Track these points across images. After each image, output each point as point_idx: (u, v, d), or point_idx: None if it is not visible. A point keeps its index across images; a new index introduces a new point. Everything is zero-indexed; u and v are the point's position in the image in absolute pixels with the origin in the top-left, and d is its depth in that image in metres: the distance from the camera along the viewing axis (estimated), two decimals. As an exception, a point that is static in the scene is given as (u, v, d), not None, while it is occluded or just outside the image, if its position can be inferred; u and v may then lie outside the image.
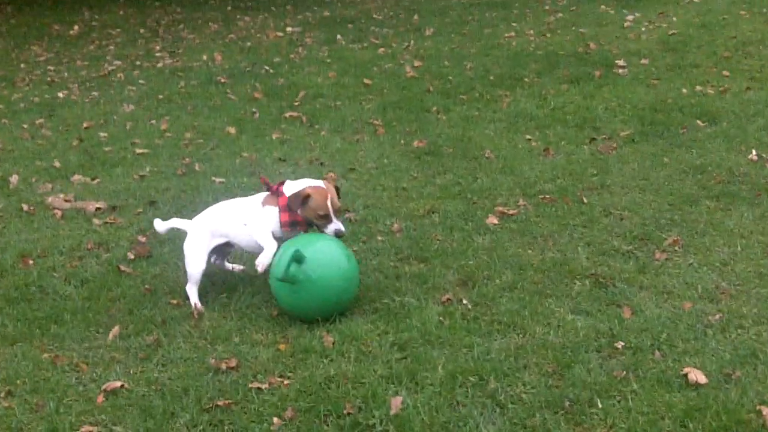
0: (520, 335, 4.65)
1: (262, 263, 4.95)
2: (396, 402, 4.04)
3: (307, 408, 4.08)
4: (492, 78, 10.52)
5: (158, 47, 14.78)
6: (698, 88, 9.32)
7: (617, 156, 7.53)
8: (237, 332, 4.84)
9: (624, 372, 4.23)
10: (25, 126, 10.02)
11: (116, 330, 4.91)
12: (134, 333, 4.90)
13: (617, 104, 9.01)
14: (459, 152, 7.89)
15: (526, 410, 3.97)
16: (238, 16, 17.21)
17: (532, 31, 12.95)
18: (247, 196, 5.39)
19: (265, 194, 5.19)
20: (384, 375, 4.31)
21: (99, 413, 4.13)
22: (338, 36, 13.99)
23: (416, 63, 11.54)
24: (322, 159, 7.99)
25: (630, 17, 13.09)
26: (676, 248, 5.62)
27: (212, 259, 5.43)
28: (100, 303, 5.27)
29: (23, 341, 4.87)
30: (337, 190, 5.14)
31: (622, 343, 4.49)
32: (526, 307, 4.92)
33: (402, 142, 8.32)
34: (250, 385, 4.28)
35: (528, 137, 8.21)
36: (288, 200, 4.98)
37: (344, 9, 17.18)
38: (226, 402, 4.16)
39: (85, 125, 9.83)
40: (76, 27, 17.27)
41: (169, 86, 11.58)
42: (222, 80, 11.56)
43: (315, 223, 5.02)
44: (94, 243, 6.24)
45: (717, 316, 4.72)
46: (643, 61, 10.61)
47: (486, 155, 7.72)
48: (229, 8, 18.51)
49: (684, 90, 9.29)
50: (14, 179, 7.86)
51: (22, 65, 14.07)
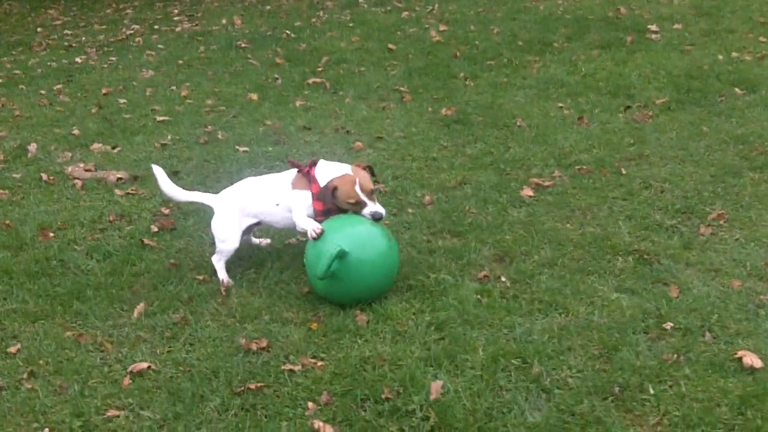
0: (563, 315, 4.45)
1: (314, 233, 4.59)
2: (436, 386, 3.85)
3: (343, 392, 3.90)
4: (520, 43, 10.24)
5: (176, 11, 14.54)
6: (734, 55, 9.03)
7: (654, 125, 7.27)
8: (266, 310, 4.66)
9: (674, 355, 4.03)
10: (43, 92, 9.83)
11: (141, 307, 4.73)
12: (160, 310, 4.72)
13: (651, 71, 8.73)
14: (489, 120, 7.65)
15: (573, 396, 3.78)
16: (257, -21, 16.91)
17: (560, -6, 12.62)
18: (275, 174, 5.14)
19: (294, 174, 4.94)
20: (422, 357, 4.12)
21: (125, 396, 3.96)
22: (360, -1, 13.73)
23: (441, 27, 11.26)
24: (348, 127, 7.76)
25: (660, -20, 12.74)
26: (721, 222, 5.39)
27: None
28: (124, 278, 5.09)
29: (45, 318, 4.70)
30: (372, 171, 4.85)
31: (671, 324, 4.28)
32: (568, 285, 4.71)
33: (430, 110, 8.09)
34: (283, 367, 4.10)
35: (560, 105, 7.96)
36: (319, 195, 4.73)
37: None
38: (258, 385, 3.98)
39: (104, 91, 9.63)
40: (93, -10, 17.02)
41: (189, 51, 11.36)
42: (242, 45, 11.32)
43: (351, 210, 4.74)
44: (116, 215, 6.06)
45: (768, 296, 4.51)
46: (676, 26, 10.30)
47: (517, 124, 7.48)
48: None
49: (720, 56, 9.00)
50: (33, 148, 7.68)
51: (39, 29, 13.86)
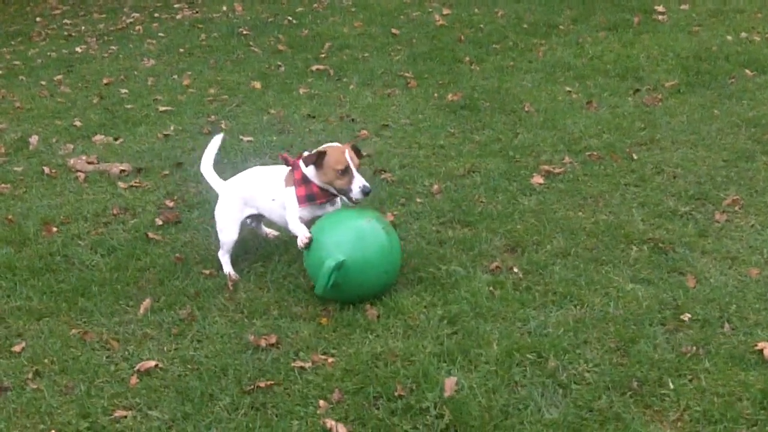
0: (578, 307, 4.35)
1: (302, 242, 4.58)
2: (450, 383, 3.76)
3: (355, 389, 3.81)
4: (525, 26, 10.12)
5: (176, -2, 14.39)
6: (743, 35, 8.91)
7: (664, 108, 7.16)
8: (275, 305, 4.57)
9: (693, 348, 3.94)
10: (43, 83, 9.71)
11: (147, 303, 4.64)
12: (166, 306, 4.63)
13: (659, 53, 8.61)
14: (496, 106, 7.54)
15: (591, 391, 3.69)
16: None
17: (564, -24, 12.46)
18: (275, 166, 5.01)
19: (287, 170, 4.79)
20: (435, 352, 4.03)
21: (133, 396, 3.88)
22: (361, -17, 13.56)
23: (445, 11, 11.12)
24: (353, 115, 7.65)
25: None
26: (736, 208, 5.29)
27: (248, 221, 5.14)
28: (129, 273, 5.00)
29: (50, 316, 4.61)
30: (357, 151, 4.67)
31: (689, 316, 4.19)
32: (582, 276, 4.61)
33: (435, 96, 7.97)
34: (293, 364, 4.01)
35: (568, 89, 7.84)
36: (305, 159, 4.55)
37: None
38: (268, 383, 3.89)
39: (105, 81, 9.52)
40: (92, -22, 16.86)
41: (190, 39, 11.23)
42: (244, 32, 11.18)
43: (336, 187, 4.54)
44: (120, 208, 5.97)
45: (787, 284, 4.42)
46: (683, 7, 10.18)
47: (525, 108, 7.37)
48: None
49: (729, 37, 8.88)
50: (34, 140, 7.57)
51: (38, 19, 13.73)
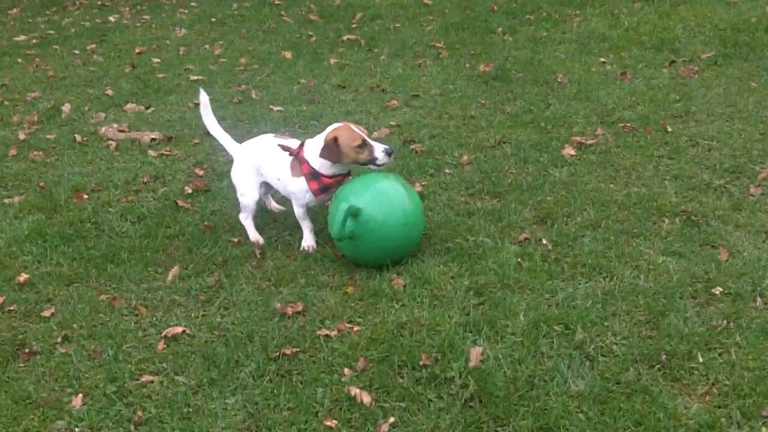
0: (607, 279, 4.30)
1: (305, 246, 4.80)
2: (475, 353, 3.74)
3: (380, 358, 3.80)
4: (560, -4, 9.98)
5: (209, -33, 14.36)
6: (784, 6, 8.72)
7: (700, 80, 7.04)
8: (302, 273, 4.57)
9: (724, 322, 3.87)
10: (77, 52, 9.76)
11: (175, 270, 4.66)
12: (194, 274, 4.65)
13: (696, 24, 8.46)
14: (528, 77, 7.45)
15: (619, 364, 3.65)
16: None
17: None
18: (283, 139, 4.91)
19: (291, 159, 4.73)
20: (461, 322, 4.00)
21: (160, 361, 3.89)
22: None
23: (478, -19, 10.99)
24: (383, 85, 7.60)
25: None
26: (772, 182, 5.20)
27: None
28: (158, 241, 5.02)
29: (79, 282, 4.64)
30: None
31: (720, 289, 4.12)
32: (612, 248, 4.55)
33: (467, 67, 7.90)
34: (318, 332, 4.01)
35: (602, 60, 7.73)
36: (322, 154, 4.52)
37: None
38: (294, 350, 3.89)
39: (138, 50, 9.55)
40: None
41: (222, 8, 11.22)
42: (276, 2, 11.16)
43: (361, 161, 4.53)
44: (150, 176, 5.99)
45: (823, 259, 4.33)
46: (722, -23, 9.96)
47: (558, 80, 7.28)
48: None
49: (768, 8, 8.70)
50: (66, 108, 7.62)
51: (72, -12, 13.79)
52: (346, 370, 3.72)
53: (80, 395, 3.65)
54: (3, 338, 4.09)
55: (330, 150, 4.50)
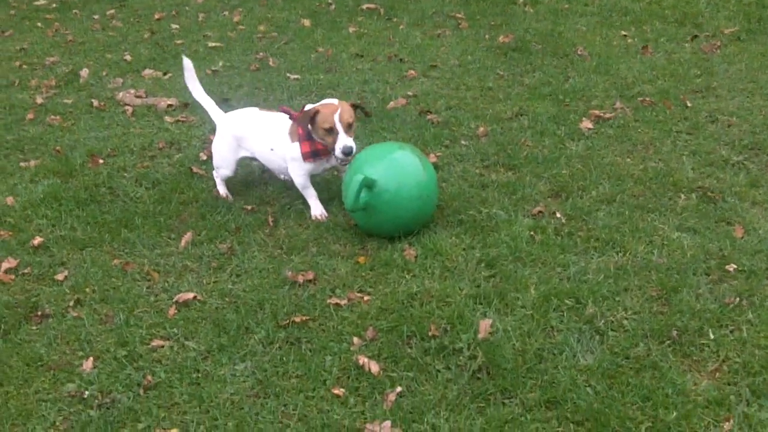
0: (620, 254, 4.27)
1: (316, 215, 4.78)
2: (485, 325, 3.73)
3: (389, 328, 3.80)
4: (583, -32, 9.84)
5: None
6: (811, -20, 8.56)
7: (722, 56, 6.95)
8: (314, 242, 4.57)
9: (737, 299, 3.84)
10: (96, 17, 9.75)
11: (188, 236, 4.67)
12: (207, 240, 4.65)
13: (720, -2, 8.34)
14: (548, 49, 7.38)
15: (629, 339, 3.63)
16: None
17: None
18: (272, 112, 4.93)
19: (290, 123, 4.72)
20: (471, 294, 3.99)
21: (171, 326, 3.91)
22: None
23: (501, -49, 10.86)
24: (401, 55, 7.56)
25: None
26: (791, 159, 5.14)
27: (253, 162, 5.20)
28: (172, 207, 5.03)
29: (93, 246, 4.66)
30: (363, 110, 4.67)
31: (734, 266, 4.08)
32: (626, 223, 4.52)
33: (486, 38, 7.83)
34: (329, 301, 4.01)
35: (624, 33, 7.64)
36: (299, 119, 4.55)
37: None
38: (303, 318, 3.90)
39: (157, 16, 9.53)
40: None
41: (242, -25, 11.15)
42: (296, -31, 11.07)
43: (325, 144, 4.55)
44: (166, 142, 5.99)
45: (840, 238, 4.28)
46: (749, -50, 9.80)
47: (578, 52, 7.20)
48: None
49: (795, -18, 8.54)
50: (84, 73, 7.63)
51: (93, -47, 13.74)
52: (355, 339, 3.73)
53: (91, 359, 3.68)
54: (16, 301, 4.12)
55: (305, 119, 4.52)
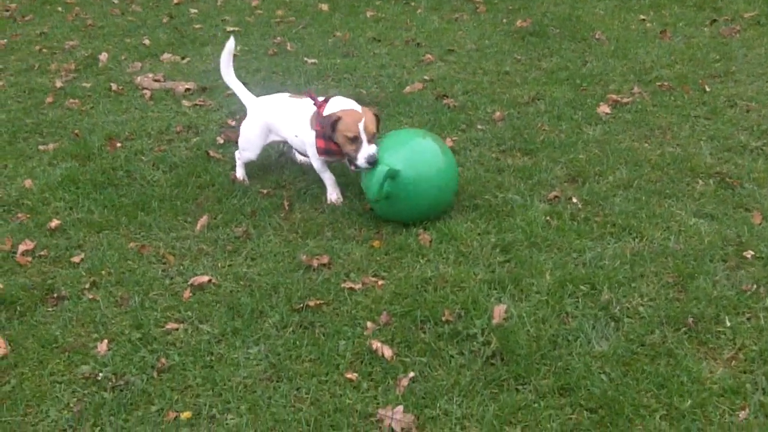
0: (637, 240, 4.25)
1: (332, 199, 4.76)
2: (499, 310, 3.72)
3: (403, 312, 3.80)
4: (603, -49, 9.76)
5: None
6: (834, -36, 8.45)
7: (741, 40, 6.88)
8: (329, 226, 4.57)
9: (754, 286, 3.81)
10: (116, 1, 9.77)
11: (204, 220, 4.68)
12: (222, 223, 4.66)
13: (741, -18, 8.24)
14: (566, 33, 7.33)
15: (644, 326, 3.61)
16: None
17: None
18: (302, 99, 4.85)
19: (314, 110, 4.67)
20: (486, 279, 3.98)
21: (185, 309, 3.93)
22: None
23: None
24: (419, 39, 7.53)
25: None
26: (812, 145, 5.08)
27: (282, 146, 5.21)
28: (189, 190, 5.04)
29: (109, 229, 4.68)
30: (378, 120, 4.55)
31: (752, 253, 4.05)
32: (643, 209, 4.49)
33: (504, 22, 7.79)
34: (343, 285, 4.01)
35: (642, 17, 7.58)
36: (321, 121, 4.50)
37: None
38: (318, 302, 3.90)
39: (175, 1, 9.53)
40: None
41: (261, -41, 11.13)
42: (314, -47, 11.04)
43: (345, 151, 4.47)
44: (183, 126, 6.01)
45: None
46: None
47: (596, 37, 7.15)
48: None
49: (818, -34, 8.43)
50: (103, 57, 7.65)
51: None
52: (369, 324, 3.73)
53: (105, 341, 3.70)
54: (32, 283, 4.15)
55: (328, 125, 4.46)
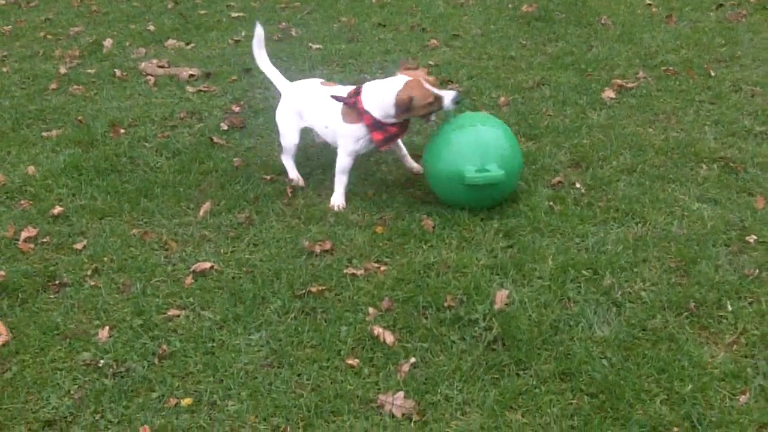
0: (640, 225, 4.23)
1: (335, 204, 4.62)
2: (501, 296, 3.72)
3: (405, 298, 3.79)
4: (609, -65, 9.70)
5: None
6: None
7: (747, 25, 6.83)
8: (332, 212, 4.56)
9: (756, 270, 3.80)
10: (120, -13, 9.75)
11: (207, 206, 4.68)
12: (225, 210, 4.66)
13: (749, -35, 8.18)
14: (572, 18, 7.29)
15: (646, 310, 3.60)
16: None
17: None
18: (334, 86, 4.80)
19: (342, 105, 4.57)
20: (488, 265, 3.98)
21: (187, 296, 3.93)
22: None
23: None
24: (424, 24, 7.50)
25: None
26: (817, 130, 5.05)
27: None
28: (192, 176, 5.04)
29: (112, 215, 4.69)
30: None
31: (755, 237, 4.04)
32: (647, 194, 4.48)
33: (510, 6, 7.75)
34: (345, 271, 4.01)
35: (648, 2, 7.55)
36: (397, 111, 4.35)
37: None
38: (320, 288, 3.90)
39: (180, -14, 9.51)
40: None
41: (266, -56, 11.09)
42: (320, -62, 10.99)
43: (426, 114, 4.42)
44: (187, 112, 6.00)
45: None
46: None
47: (602, 21, 7.11)
48: None
49: (826, -51, 8.37)
50: (108, 43, 7.64)
51: None
52: (371, 310, 3.73)
53: (107, 327, 3.71)
54: (34, 270, 4.16)
55: (403, 109, 4.36)
